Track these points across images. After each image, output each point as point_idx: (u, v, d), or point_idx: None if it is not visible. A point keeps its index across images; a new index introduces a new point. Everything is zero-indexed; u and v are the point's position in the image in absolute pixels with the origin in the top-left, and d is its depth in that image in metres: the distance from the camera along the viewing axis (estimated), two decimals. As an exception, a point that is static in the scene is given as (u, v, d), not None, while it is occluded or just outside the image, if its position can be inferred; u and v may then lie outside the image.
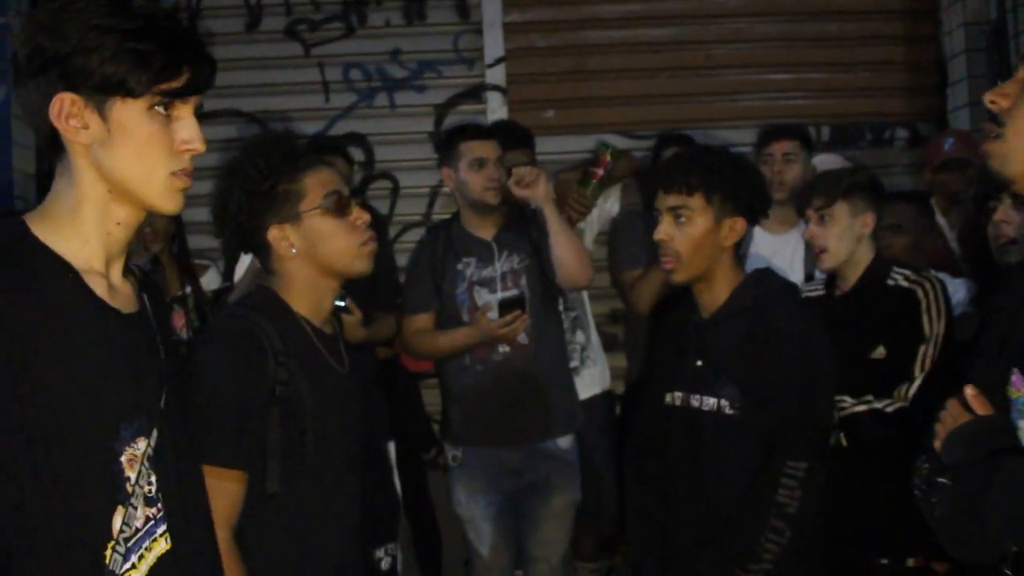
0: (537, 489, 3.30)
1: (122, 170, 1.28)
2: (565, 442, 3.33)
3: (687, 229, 2.19)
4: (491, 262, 3.27)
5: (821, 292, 2.79)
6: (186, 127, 1.30)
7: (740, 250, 2.35)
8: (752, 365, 2.14)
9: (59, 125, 1.25)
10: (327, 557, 1.84)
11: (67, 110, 1.25)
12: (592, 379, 3.72)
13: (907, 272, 2.68)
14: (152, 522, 1.30)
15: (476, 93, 4.59)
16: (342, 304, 3.13)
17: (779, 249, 3.40)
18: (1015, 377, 1.45)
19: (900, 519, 2.06)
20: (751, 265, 2.57)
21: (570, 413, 3.36)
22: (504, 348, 3.22)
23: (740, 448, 2.14)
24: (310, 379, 1.82)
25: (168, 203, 1.32)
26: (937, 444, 1.49)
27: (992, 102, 1.46)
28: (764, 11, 4.60)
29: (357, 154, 4.55)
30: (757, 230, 3.42)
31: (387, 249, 3.75)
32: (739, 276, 2.26)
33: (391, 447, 3.50)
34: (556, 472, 3.30)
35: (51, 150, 1.30)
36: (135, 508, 1.28)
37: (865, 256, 2.68)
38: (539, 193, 3.22)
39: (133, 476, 1.28)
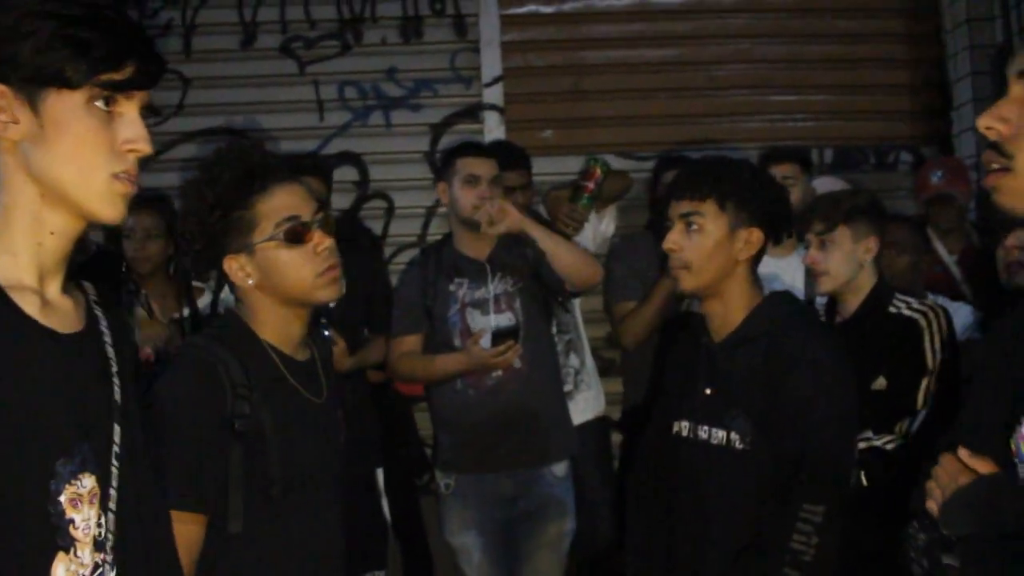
0: (530, 517, 3.22)
1: (56, 171, 1.15)
2: (560, 469, 3.25)
3: (698, 237, 2.04)
4: (484, 283, 3.20)
5: (821, 319, 2.71)
6: (129, 125, 1.19)
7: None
8: (766, 396, 1.97)
9: None
10: None
11: None
12: (587, 404, 3.64)
13: (910, 300, 2.60)
14: (99, 569, 1.18)
15: (473, 112, 4.52)
16: (326, 334, 3.07)
17: (779, 274, 3.32)
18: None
19: None
20: None
21: (565, 439, 3.28)
22: (497, 372, 3.14)
23: (749, 486, 1.97)
24: (275, 411, 1.73)
25: (109, 210, 1.19)
26: (932, 506, 1.33)
27: (988, 128, 1.27)
28: (766, 33, 4.54)
29: (351, 173, 4.50)
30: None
31: (382, 270, 3.69)
32: (756, 297, 2.09)
33: (380, 473, 3.43)
34: (550, 500, 3.22)
35: None
36: (81, 554, 1.15)
37: (867, 282, 2.60)
38: (512, 223, 3.13)
39: (78, 518, 1.15)
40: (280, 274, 1.76)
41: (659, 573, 2.17)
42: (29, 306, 1.16)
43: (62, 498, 1.14)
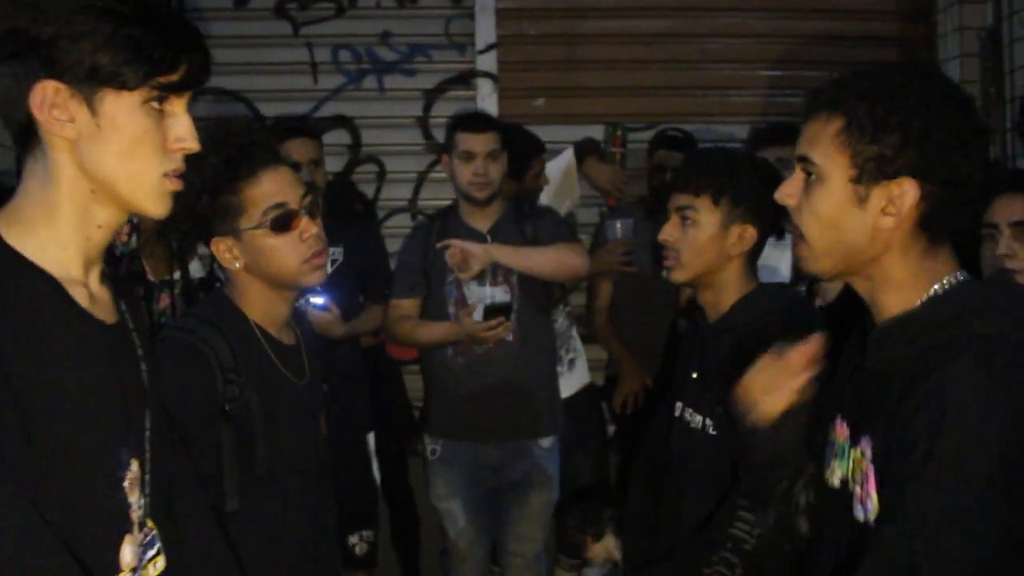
0: (514, 486, 3.29)
1: (110, 169, 1.17)
2: (546, 442, 3.32)
3: (691, 231, 2.07)
4: None
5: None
6: (181, 124, 1.20)
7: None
8: (730, 384, 1.96)
9: (40, 116, 1.13)
10: (288, 569, 1.81)
11: (51, 99, 1.12)
12: (581, 372, 3.74)
13: None
14: (144, 549, 1.24)
15: (466, 79, 4.53)
16: (319, 302, 3.11)
17: (768, 254, 3.37)
18: (837, 422, 1.44)
19: None
20: None
21: (551, 416, 3.34)
22: (487, 345, 3.19)
23: (718, 471, 2.00)
24: (261, 393, 1.77)
25: (158, 206, 1.22)
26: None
27: (783, 199, 1.41)
28: (758, 7, 4.54)
29: (344, 137, 4.51)
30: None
31: (377, 238, 3.71)
32: (748, 288, 2.12)
33: (371, 438, 3.49)
34: (534, 470, 3.29)
35: (22, 143, 1.17)
36: (136, 536, 1.21)
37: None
38: (479, 261, 3.13)
39: (134, 502, 1.21)
40: (267, 259, 1.79)
41: (646, 548, 2.25)
42: (81, 299, 1.19)
43: (125, 483, 1.19)
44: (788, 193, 1.40)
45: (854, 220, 1.33)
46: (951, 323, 1.28)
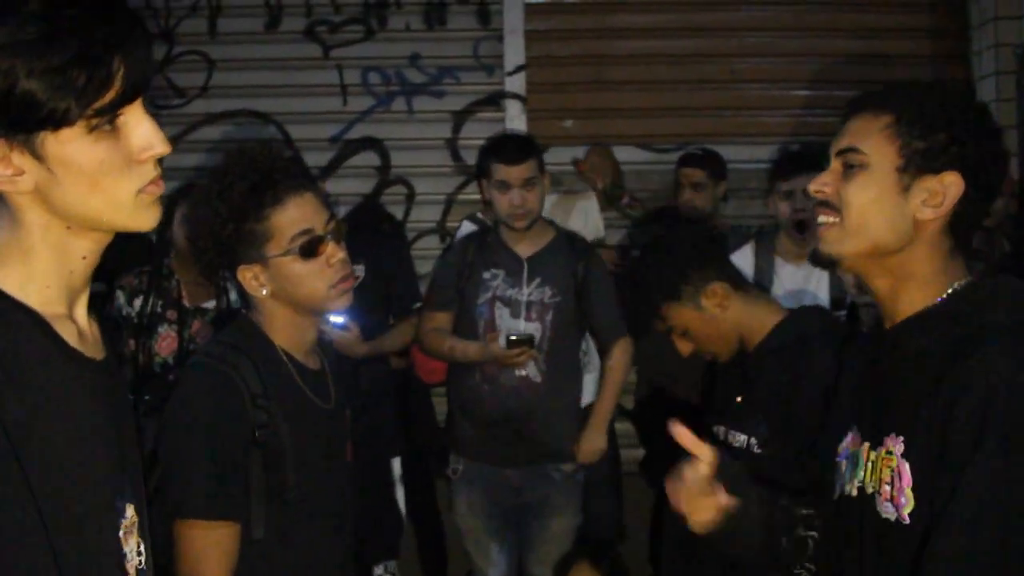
0: (535, 509, 3.26)
1: (80, 207, 1.04)
2: (567, 466, 3.29)
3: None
4: (519, 282, 3.19)
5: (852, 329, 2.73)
6: (140, 132, 1.05)
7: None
8: (781, 406, 2.06)
9: None
10: None
11: None
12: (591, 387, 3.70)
13: None
14: None
15: (495, 101, 4.54)
16: (339, 321, 3.11)
17: (804, 280, 3.33)
18: (850, 436, 1.45)
19: None
20: (781, 300, 2.53)
21: (573, 443, 3.31)
22: (513, 379, 3.15)
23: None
24: (290, 419, 1.76)
25: (143, 221, 1.09)
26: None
27: (817, 191, 1.42)
28: (788, 26, 4.53)
29: (373, 159, 4.53)
30: (780, 263, 3.36)
31: (406, 256, 3.70)
32: (780, 313, 2.18)
33: (396, 462, 3.46)
34: (556, 493, 3.25)
35: None
36: None
37: None
38: (598, 451, 3.24)
39: (128, 551, 1.11)
40: (295, 286, 1.78)
41: (683, 562, 2.29)
42: (69, 336, 1.09)
43: (121, 533, 1.10)
44: (824, 182, 1.41)
45: (893, 208, 1.36)
46: (974, 315, 1.32)
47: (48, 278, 1.07)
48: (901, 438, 1.32)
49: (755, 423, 2.10)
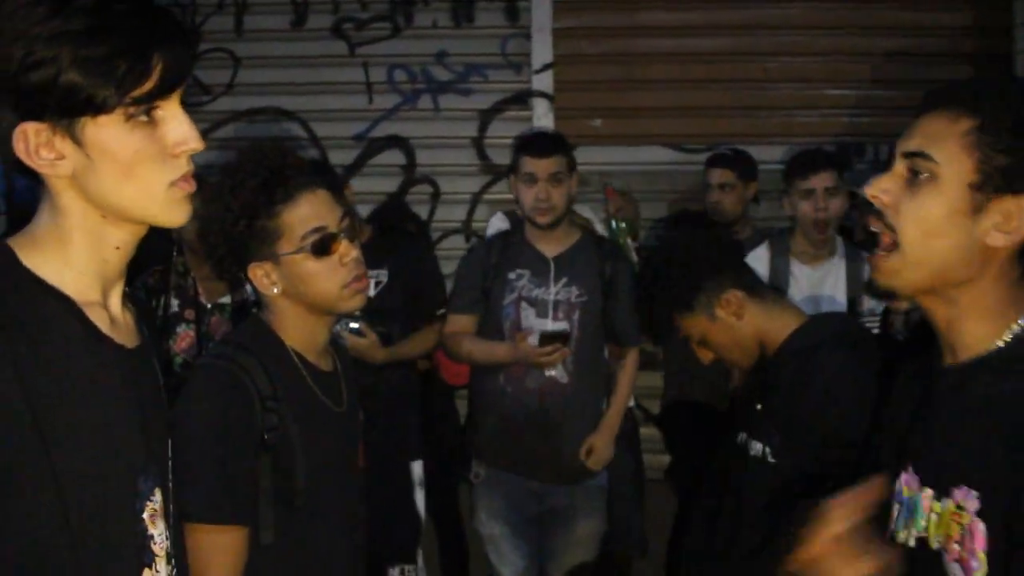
0: (560, 515, 3.20)
1: (115, 194, 1.11)
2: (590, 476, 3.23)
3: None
4: (546, 281, 3.15)
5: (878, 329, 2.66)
6: (176, 127, 1.12)
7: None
8: (790, 414, 2.02)
9: (29, 161, 1.08)
10: None
11: (34, 142, 1.07)
12: None
13: None
14: None
15: (522, 99, 4.48)
16: (355, 327, 3.05)
17: (820, 282, 3.25)
18: (906, 476, 1.29)
19: None
20: (797, 303, 2.48)
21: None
22: (539, 379, 3.10)
23: (774, 498, 2.01)
24: (300, 421, 1.71)
25: (174, 216, 1.15)
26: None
27: (874, 196, 1.25)
28: (823, 24, 4.41)
29: (398, 157, 4.49)
30: (795, 265, 3.29)
31: (428, 259, 3.63)
32: (799, 318, 2.13)
33: (418, 466, 3.40)
34: (581, 499, 3.20)
35: (29, 175, 1.11)
36: (160, 570, 1.17)
37: None
38: (608, 454, 3.21)
39: (156, 533, 1.17)
40: (306, 284, 1.74)
41: (700, 567, 2.26)
42: (102, 322, 1.14)
43: (145, 515, 1.15)
44: (884, 188, 1.24)
45: (961, 231, 1.20)
46: None
47: (84, 265, 1.14)
48: (975, 493, 1.17)
49: (769, 432, 2.06)
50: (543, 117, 4.44)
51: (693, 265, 2.16)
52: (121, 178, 1.10)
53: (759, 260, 3.19)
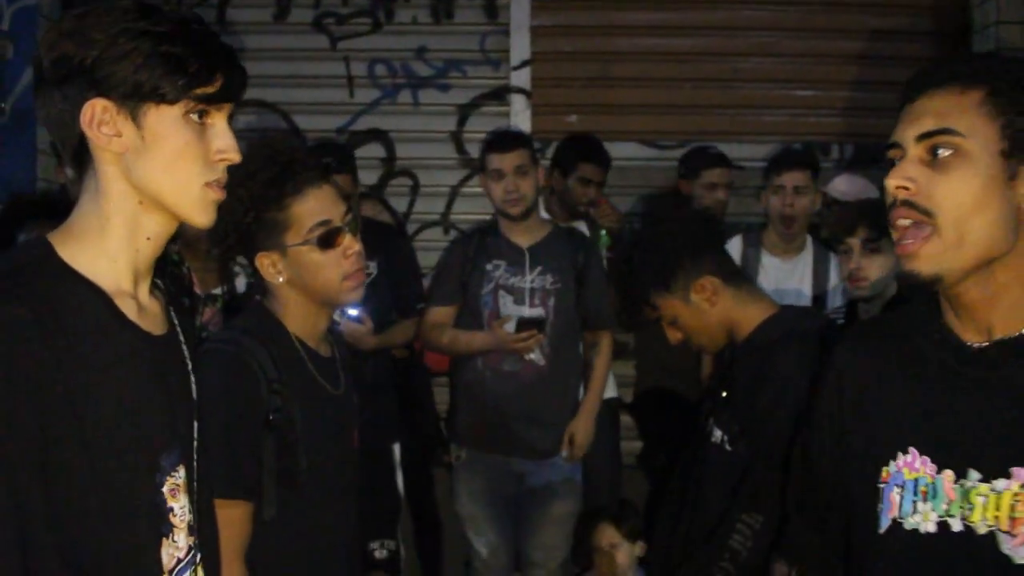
0: (537, 495, 3.32)
1: (156, 180, 1.23)
2: (566, 455, 3.34)
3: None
4: (521, 271, 3.28)
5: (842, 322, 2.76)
6: (221, 136, 1.26)
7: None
8: (748, 406, 2.10)
9: (90, 133, 1.20)
10: None
11: (99, 117, 1.20)
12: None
13: None
14: (192, 552, 1.30)
15: (500, 95, 4.58)
16: (355, 314, 3.16)
17: (788, 275, 3.40)
18: (911, 456, 1.24)
19: None
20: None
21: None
22: (517, 363, 3.22)
23: (728, 485, 2.11)
24: (302, 403, 1.81)
25: (202, 215, 1.27)
26: None
27: (900, 187, 1.18)
28: (792, 27, 4.55)
29: (378, 150, 4.57)
30: (766, 256, 3.43)
31: (409, 254, 3.75)
32: (769, 310, 2.18)
33: (396, 448, 3.52)
34: (557, 478, 3.32)
35: (76, 163, 1.24)
36: (178, 540, 1.26)
37: (891, 288, 2.64)
38: (588, 441, 3.31)
39: (176, 506, 1.27)
40: (311, 275, 1.83)
41: (665, 553, 2.32)
42: (130, 311, 1.25)
43: (164, 489, 1.25)
44: (909, 177, 1.16)
45: (1001, 201, 1.14)
46: None
47: (117, 252, 1.24)
48: None
49: (729, 420, 2.13)
50: (520, 113, 4.55)
51: (676, 246, 2.19)
52: (165, 166, 1.23)
53: (732, 251, 3.31)
